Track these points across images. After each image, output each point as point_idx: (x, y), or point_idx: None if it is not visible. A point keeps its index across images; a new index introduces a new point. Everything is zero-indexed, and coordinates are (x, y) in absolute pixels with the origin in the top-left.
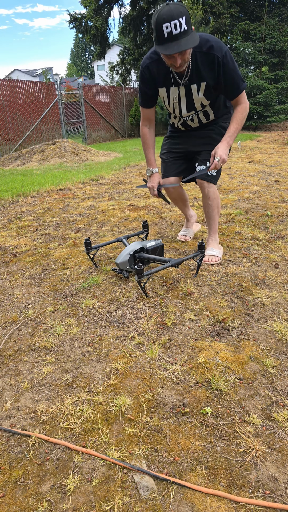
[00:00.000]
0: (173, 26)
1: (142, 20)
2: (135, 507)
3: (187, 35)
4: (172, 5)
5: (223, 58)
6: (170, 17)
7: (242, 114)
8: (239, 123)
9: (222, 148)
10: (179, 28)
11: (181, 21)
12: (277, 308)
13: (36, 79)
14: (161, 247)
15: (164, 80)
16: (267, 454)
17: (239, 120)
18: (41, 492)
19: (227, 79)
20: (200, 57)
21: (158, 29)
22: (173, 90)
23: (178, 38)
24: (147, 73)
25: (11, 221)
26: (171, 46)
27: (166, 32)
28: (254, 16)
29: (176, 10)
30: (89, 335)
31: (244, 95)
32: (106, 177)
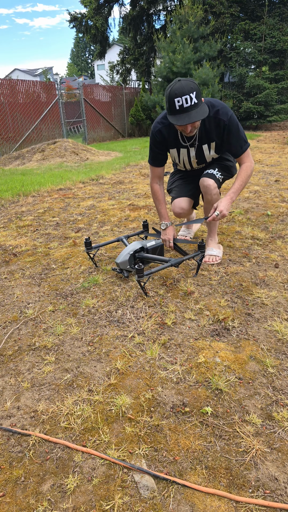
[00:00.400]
0: (184, 100)
1: (142, 20)
2: (135, 506)
3: (197, 107)
4: (183, 82)
5: (228, 122)
6: (182, 92)
7: (247, 172)
8: (244, 180)
9: (224, 203)
10: (190, 102)
11: (191, 96)
12: (277, 308)
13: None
14: (161, 247)
15: (175, 142)
16: (267, 454)
17: (244, 177)
18: (41, 492)
19: (231, 139)
20: (208, 121)
21: (170, 102)
22: (183, 151)
23: (189, 110)
24: (159, 136)
25: (11, 221)
26: (182, 118)
27: (178, 105)
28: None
29: (187, 87)
30: (89, 334)
31: (249, 155)
32: (106, 177)
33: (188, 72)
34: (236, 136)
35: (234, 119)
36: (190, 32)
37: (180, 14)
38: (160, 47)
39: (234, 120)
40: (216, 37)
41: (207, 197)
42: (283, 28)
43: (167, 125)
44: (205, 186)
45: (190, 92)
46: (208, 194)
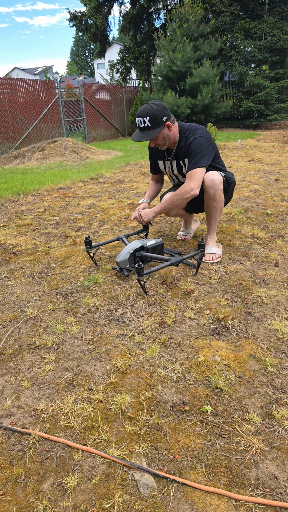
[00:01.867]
0: (140, 121)
1: (142, 18)
2: (135, 505)
3: (149, 129)
4: (148, 105)
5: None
6: (139, 114)
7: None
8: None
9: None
10: (143, 124)
11: (145, 119)
12: (277, 307)
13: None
14: (161, 246)
15: (159, 154)
16: (267, 452)
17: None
18: (41, 490)
19: (190, 154)
20: (182, 140)
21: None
22: (167, 163)
23: (143, 130)
24: (149, 148)
25: (12, 220)
26: (137, 135)
27: (137, 124)
28: (254, 14)
29: (144, 110)
30: (89, 333)
31: (195, 177)
32: (106, 176)
33: (188, 71)
34: (196, 152)
35: (200, 140)
36: (190, 30)
37: (180, 13)
38: (160, 46)
39: (200, 141)
40: (216, 35)
41: (210, 192)
42: (283, 26)
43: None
44: (209, 180)
45: (145, 116)
46: (212, 188)
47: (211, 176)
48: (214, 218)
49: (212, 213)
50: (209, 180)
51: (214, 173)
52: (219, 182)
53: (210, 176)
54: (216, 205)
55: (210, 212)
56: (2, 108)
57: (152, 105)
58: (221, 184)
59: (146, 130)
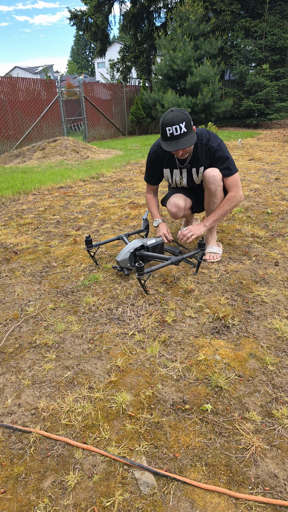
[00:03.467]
0: (174, 129)
1: (142, 17)
2: (136, 503)
3: (186, 135)
4: (175, 112)
5: (218, 147)
6: (172, 122)
7: (229, 205)
8: (224, 211)
9: (196, 227)
10: (179, 131)
11: (181, 126)
12: (277, 306)
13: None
14: (162, 245)
15: (168, 162)
16: (267, 451)
17: (224, 208)
18: (42, 488)
19: (219, 161)
20: (200, 147)
21: (163, 130)
22: (176, 172)
23: (178, 138)
24: (154, 157)
25: (12, 219)
26: (172, 144)
27: (169, 133)
28: (255, 13)
29: (177, 117)
30: (89, 332)
31: (237, 183)
32: (106, 175)
33: (188, 70)
34: (224, 157)
35: (223, 146)
36: (191, 29)
37: (181, 12)
38: (161, 45)
39: (223, 146)
40: (216, 34)
41: (211, 187)
42: (284, 25)
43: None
44: (210, 176)
45: (180, 122)
46: (213, 184)
47: (212, 172)
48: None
49: (213, 210)
50: (210, 176)
51: (215, 169)
52: (220, 179)
53: (211, 172)
54: (217, 201)
55: (211, 209)
56: (2, 107)
57: (180, 111)
58: (221, 180)
59: (182, 136)
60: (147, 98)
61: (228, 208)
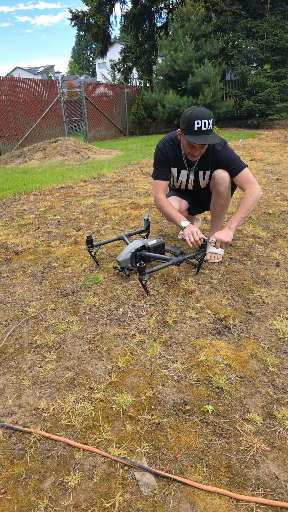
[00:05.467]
0: (202, 123)
1: (143, 18)
2: (136, 504)
3: (211, 133)
4: (203, 108)
5: (222, 150)
6: (202, 116)
7: (249, 201)
8: (245, 211)
9: (222, 233)
10: (207, 127)
11: (209, 122)
12: (278, 307)
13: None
14: (162, 245)
15: (176, 162)
16: (268, 452)
17: (246, 207)
18: (42, 489)
19: (225, 162)
20: (206, 150)
21: (190, 123)
22: (184, 173)
23: (205, 133)
24: (164, 151)
25: (13, 219)
26: (199, 138)
27: (197, 127)
28: (256, 14)
29: (207, 113)
30: (90, 332)
31: (250, 178)
32: (107, 175)
33: (189, 71)
34: (231, 159)
35: (227, 147)
36: (192, 30)
37: (182, 12)
38: (162, 45)
39: (228, 148)
40: (217, 35)
41: (220, 188)
42: (285, 26)
43: (171, 145)
44: (220, 177)
45: (209, 118)
46: (221, 186)
47: (222, 174)
48: (220, 217)
49: (220, 212)
50: (220, 177)
51: (224, 171)
52: (228, 180)
53: (221, 173)
54: (224, 203)
55: (217, 211)
56: (3, 107)
57: (206, 108)
58: (230, 182)
59: (209, 133)
60: (148, 98)
61: (250, 205)
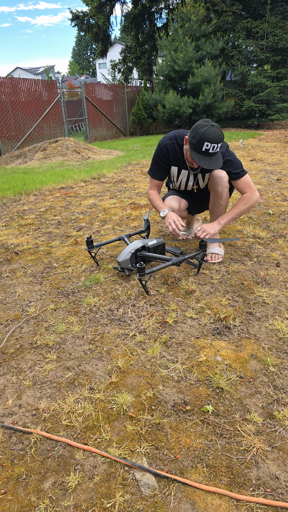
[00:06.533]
0: (211, 147)
1: (144, 18)
2: (136, 504)
3: (216, 155)
4: (216, 129)
5: (224, 152)
6: (212, 140)
7: (245, 204)
8: (240, 210)
9: (210, 225)
10: (215, 150)
11: (218, 145)
12: (278, 307)
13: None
14: (163, 246)
15: (177, 161)
16: (268, 452)
17: (240, 209)
18: (42, 489)
19: (227, 164)
20: None
21: (199, 142)
22: (184, 172)
23: (211, 155)
24: (164, 149)
25: (13, 219)
26: (203, 160)
27: (205, 148)
28: (256, 14)
29: (218, 136)
30: (90, 333)
31: (250, 184)
32: (107, 176)
33: (190, 71)
34: (234, 163)
35: (229, 151)
36: (192, 30)
37: (182, 12)
38: (162, 46)
39: (229, 151)
40: (218, 35)
41: (218, 188)
42: (286, 26)
43: (175, 143)
44: (217, 177)
45: (219, 142)
46: (219, 186)
47: (219, 174)
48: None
49: (218, 212)
50: (217, 177)
51: (222, 171)
52: (226, 180)
53: (218, 173)
54: (222, 203)
55: (216, 211)
56: (4, 108)
57: (219, 129)
58: (228, 182)
59: (214, 155)
60: (149, 98)
61: (245, 208)
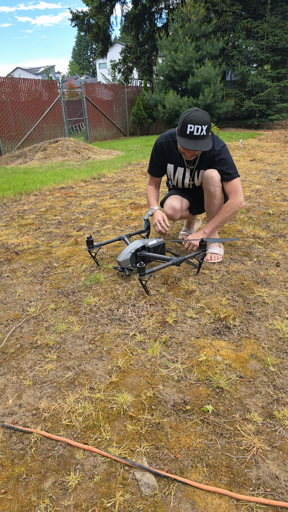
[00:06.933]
0: (195, 128)
1: (144, 18)
2: (136, 504)
3: (204, 139)
4: (200, 113)
5: (219, 151)
6: (196, 121)
7: (228, 212)
8: (221, 220)
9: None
10: (199, 132)
11: (203, 128)
12: (278, 307)
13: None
14: (163, 246)
15: (173, 159)
16: (268, 452)
17: (223, 217)
18: (42, 489)
19: (219, 164)
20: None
21: (183, 125)
22: (180, 170)
23: (197, 139)
24: (160, 148)
25: (14, 219)
26: (189, 143)
27: (189, 131)
28: (256, 14)
29: (202, 118)
30: (90, 332)
31: (238, 189)
32: (108, 176)
33: (190, 71)
34: (228, 164)
35: (225, 150)
36: (192, 30)
37: (182, 12)
38: (162, 46)
39: (225, 150)
40: (218, 35)
41: (210, 188)
42: (286, 26)
43: (170, 141)
44: (209, 177)
45: (204, 124)
46: (212, 185)
47: (211, 173)
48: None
49: (214, 212)
50: (208, 177)
51: (213, 171)
52: (218, 179)
53: (209, 173)
54: (216, 202)
55: (212, 211)
56: (4, 108)
57: (205, 113)
58: (220, 181)
59: (202, 139)
60: (149, 98)
61: (228, 215)
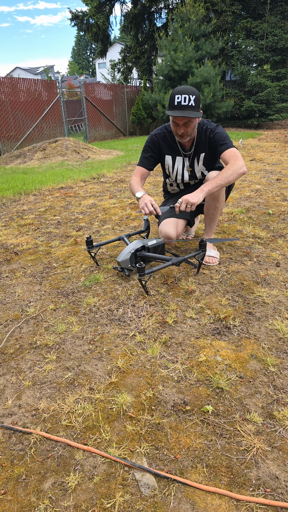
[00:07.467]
0: (182, 98)
1: (143, 18)
2: (136, 504)
3: (192, 109)
4: (188, 86)
5: (215, 128)
6: (183, 91)
7: (229, 170)
8: (223, 178)
9: (191, 194)
10: (187, 102)
11: (190, 97)
12: (278, 307)
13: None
14: (162, 246)
15: (170, 149)
16: (268, 452)
17: (225, 175)
18: (42, 489)
19: (216, 140)
20: (200, 133)
21: (171, 98)
22: (179, 159)
23: (185, 108)
24: (155, 138)
25: (13, 219)
26: (176, 112)
27: (177, 101)
28: (256, 14)
29: (189, 89)
30: (90, 333)
31: (236, 155)
32: (107, 175)
33: (189, 71)
34: (223, 137)
35: (220, 128)
36: (192, 30)
37: (182, 12)
38: (162, 45)
39: (220, 128)
40: (217, 35)
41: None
42: (285, 26)
43: (165, 132)
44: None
45: (191, 94)
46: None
47: (213, 175)
48: (214, 219)
49: (213, 214)
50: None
51: (216, 172)
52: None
53: (213, 174)
54: (218, 205)
55: (211, 213)
56: (3, 107)
57: (192, 87)
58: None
59: (190, 109)
60: (148, 98)
61: (229, 173)
